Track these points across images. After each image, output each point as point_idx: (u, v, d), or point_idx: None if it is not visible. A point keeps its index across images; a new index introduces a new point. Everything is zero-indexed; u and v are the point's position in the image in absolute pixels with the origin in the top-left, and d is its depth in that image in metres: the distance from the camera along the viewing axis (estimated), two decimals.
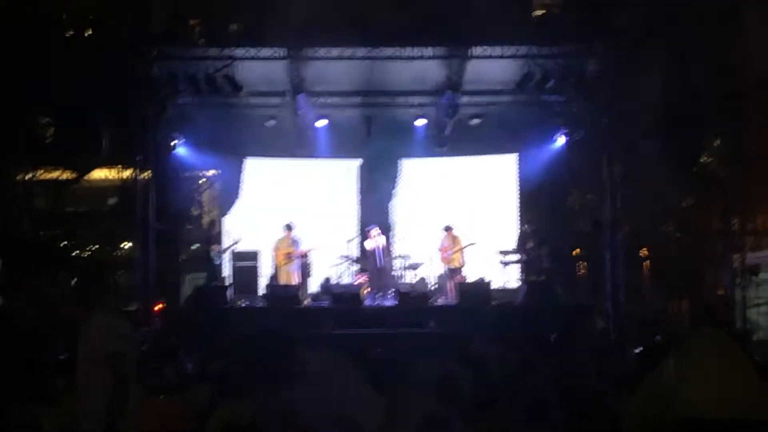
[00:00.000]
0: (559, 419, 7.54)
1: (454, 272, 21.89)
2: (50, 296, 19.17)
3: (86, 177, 25.00)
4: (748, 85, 20.99)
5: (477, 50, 21.13)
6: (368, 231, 22.08)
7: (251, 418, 6.54)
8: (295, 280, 21.80)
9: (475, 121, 23.29)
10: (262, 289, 22.08)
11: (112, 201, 26.61)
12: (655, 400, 6.21)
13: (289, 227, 22.04)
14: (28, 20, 21.59)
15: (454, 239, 21.98)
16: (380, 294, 21.28)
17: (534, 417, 6.92)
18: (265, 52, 20.90)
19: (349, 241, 22.74)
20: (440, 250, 22.13)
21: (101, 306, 6.57)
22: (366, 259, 22.17)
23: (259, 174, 24.50)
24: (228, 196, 24.63)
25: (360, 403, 6.99)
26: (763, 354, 14.18)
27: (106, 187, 26.41)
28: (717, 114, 21.81)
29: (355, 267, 22.56)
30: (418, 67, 21.93)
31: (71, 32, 22.74)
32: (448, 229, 22.19)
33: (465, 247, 21.94)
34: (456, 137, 23.83)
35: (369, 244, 21.82)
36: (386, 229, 22.70)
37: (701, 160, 23.72)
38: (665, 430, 5.93)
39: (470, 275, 22.26)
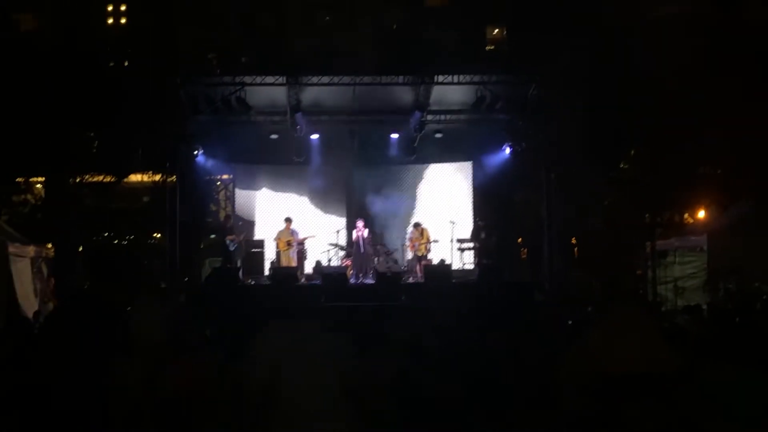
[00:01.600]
0: (506, 372, 7.57)
1: (421, 258, 21.92)
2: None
3: (125, 180, 24.95)
4: (659, 106, 21.13)
5: (440, 78, 21.14)
6: (354, 223, 22.08)
7: (258, 377, 6.53)
8: (294, 263, 21.78)
9: (438, 135, 23.23)
10: (266, 271, 22.02)
11: (145, 199, 26.55)
12: (582, 359, 6.24)
13: (288, 220, 22.02)
14: (77, 52, 21.51)
15: (422, 233, 22.02)
16: (362, 274, 21.25)
17: (486, 373, 6.93)
18: (269, 79, 20.88)
19: (338, 231, 22.72)
20: (410, 240, 22.24)
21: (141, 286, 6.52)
22: (351, 247, 22.13)
23: (265, 177, 24.41)
24: (240, 194, 24.53)
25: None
26: (669, 322, 14.23)
27: (140, 188, 26.34)
28: (634, 128, 21.95)
29: (342, 253, 22.53)
30: (393, 92, 21.94)
31: (112, 63, 22.69)
32: (417, 225, 22.29)
33: (431, 242, 22.00)
34: (423, 148, 23.78)
35: (354, 234, 21.81)
36: (369, 223, 22.59)
37: (620, 167, 23.88)
38: (588, 383, 5.96)
39: (434, 258, 22.28)
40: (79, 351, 7.45)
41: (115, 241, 26.57)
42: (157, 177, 23.43)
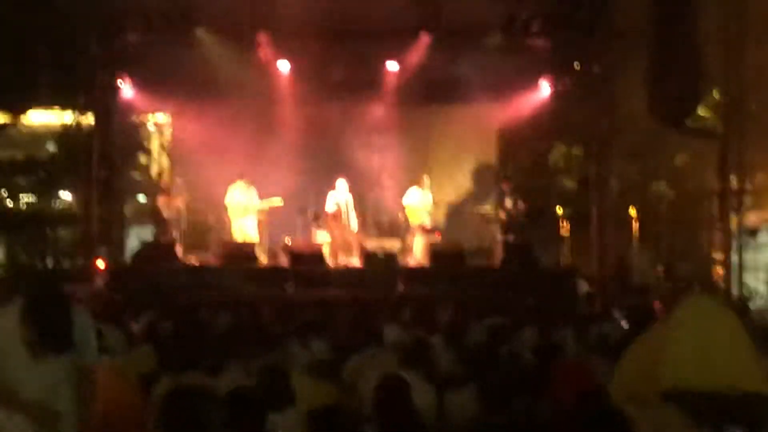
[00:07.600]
0: (537, 391, 7.59)
1: (424, 230, 21.83)
2: None
3: (22, 120, 24.77)
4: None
5: None
6: (334, 184, 21.90)
7: (203, 385, 6.52)
8: (252, 236, 21.70)
9: (452, 66, 23.17)
10: (215, 246, 21.97)
11: (50, 147, 26.41)
12: (641, 370, 6.25)
13: (244, 176, 21.83)
14: None
15: (426, 195, 21.90)
16: (343, 253, 21.24)
17: (510, 388, 6.95)
18: None
19: (311, 194, 22.59)
20: (410, 206, 22.11)
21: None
22: (329, 215, 21.98)
23: (215, 118, 24.20)
24: (180, 142, 24.42)
25: None
26: (762, 323, 14.29)
27: (43, 132, 26.19)
28: (714, 65, 21.83)
29: (317, 223, 22.43)
30: (391, 5, 21.80)
31: None
32: (418, 182, 22.11)
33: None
34: (430, 83, 23.71)
35: (333, 198, 21.67)
36: (354, 183, 22.51)
37: (698, 113, 23.79)
38: (651, 402, 5.96)
39: (443, 234, 22.27)
40: None
41: (8, 204, 26.46)
42: (67, 116, 23.28)
